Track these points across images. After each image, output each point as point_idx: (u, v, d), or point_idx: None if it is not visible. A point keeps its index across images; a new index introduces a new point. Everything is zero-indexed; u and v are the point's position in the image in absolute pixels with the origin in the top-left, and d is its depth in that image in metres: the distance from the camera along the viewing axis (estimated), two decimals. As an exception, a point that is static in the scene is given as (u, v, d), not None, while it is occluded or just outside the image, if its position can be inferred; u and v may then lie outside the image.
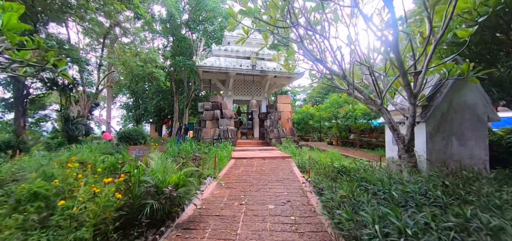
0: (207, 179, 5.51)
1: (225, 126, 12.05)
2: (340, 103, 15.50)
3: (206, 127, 12.29)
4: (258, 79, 15.07)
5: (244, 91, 14.83)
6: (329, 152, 10.79)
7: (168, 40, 23.61)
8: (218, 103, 12.46)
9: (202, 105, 12.71)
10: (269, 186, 5.17)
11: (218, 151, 9.81)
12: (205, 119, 12.35)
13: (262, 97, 15.11)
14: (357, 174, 4.15)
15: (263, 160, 8.61)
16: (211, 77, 14.38)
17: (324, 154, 11.02)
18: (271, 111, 12.99)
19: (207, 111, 12.38)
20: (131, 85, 30.46)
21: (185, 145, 9.92)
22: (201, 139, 11.94)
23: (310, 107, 21.39)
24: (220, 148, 10.11)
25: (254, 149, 10.99)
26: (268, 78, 13.90)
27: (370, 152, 11.92)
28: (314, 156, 9.77)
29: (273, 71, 13.02)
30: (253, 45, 14.59)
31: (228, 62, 12.48)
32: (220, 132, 11.86)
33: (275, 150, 10.89)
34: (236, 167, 7.42)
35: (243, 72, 12.66)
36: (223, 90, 14.84)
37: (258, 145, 12.86)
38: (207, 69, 12.13)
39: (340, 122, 15.70)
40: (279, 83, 15.42)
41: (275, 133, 12.50)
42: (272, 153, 9.74)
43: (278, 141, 12.41)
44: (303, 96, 47.18)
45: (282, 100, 13.61)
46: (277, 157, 8.97)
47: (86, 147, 9.91)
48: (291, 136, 13.18)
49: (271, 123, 12.65)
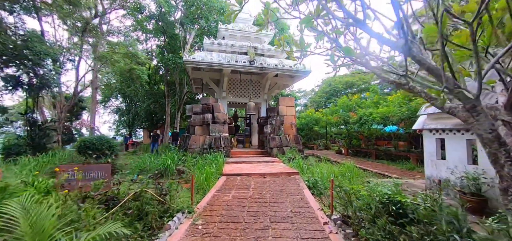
0: (177, 217, 3.61)
1: (217, 132, 10.17)
2: (350, 106, 13.68)
3: (195, 134, 10.41)
4: (257, 79, 13.27)
5: (240, 92, 13.01)
6: (343, 165, 8.94)
7: (160, 40, 21.96)
8: (210, 105, 10.61)
9: (190, 107, 10.86)
10: (273, 230, 3.28)
11: (206, 164, 7.91)
12: (194, 125, 10.48)
13: (262, 99, 13.28)
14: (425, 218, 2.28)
15: (263, 178, 6.71)
16: (203, 76, 12.58)
17: (336, 167, 9.14)
18: (272, 116, 11.15)
19: (197, 115, 10.52)
20: (122, 87, 28.79)
21: (164, 158, 8.01)
22: (188, 148, 10.04)
23: (315, 112, 19.58)
24: (208, 160, 8.21)
25: (251, 161, 9.08)
26: (269, 77, 12.10)
27: (392, 165, 10.03)
28: (326, 171, 7.91)
29: (275, 69, 11.23)
30: (251, 39, 12.86)
31: (221, 58, 10.69)
32: (211, 140, 9.97)
33: (277, 163, 8.99)
34: (226, 189, 5.52)
35: (239, 69, 10.86)
36: (217, 91, 13.02)
37: (257, 155, 10.95)
38: (196, 65, 10.33)
39: (351, 127, 13.84)
40: (281, 84, 13.63)
41: (277, 141, 10.63)
42: (274, 168, 7.84)
43: (280, 151, 10.52)
44: (303, 101, 45.51)
45: (285, 102, 11.80)
46: (281, 173, 7.07)
47: (45, 158, 8.03)
48: (296, 145, 11.30)
49: (272, 130, 10.79)
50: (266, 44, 12.56)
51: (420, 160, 9.59)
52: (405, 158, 10.22)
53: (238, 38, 12.49)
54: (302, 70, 11.63)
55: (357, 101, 14.05)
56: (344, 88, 40.93)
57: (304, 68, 11.70)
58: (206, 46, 11.67)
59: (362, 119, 11.60)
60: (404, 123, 9.52)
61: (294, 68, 11.53)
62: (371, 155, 12.39)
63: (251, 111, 11.11)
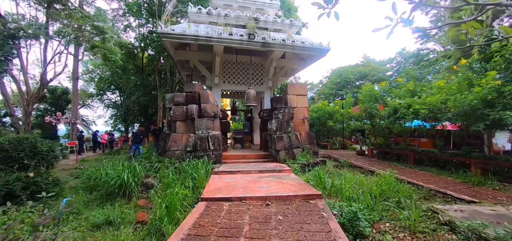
0: None
1: (204, 130, 7.65)
2: (377, 96, 10.93)
3: (176, 132, 7.94)
4: (259, 61, 10.63)
5: (237, 78, 10.42)
6: (379, 176, 6.37)
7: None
8: (195, 94, 8.08)
9: (171, 97, 8.36)
10: None
11: (180, 179, 5.43)
12: (175, 119, 8.00)
13: (265, 87, 10.66)
14: None
15: (266, 206, 4.19)
16: (190, 57, 10.01)
17: (368, 178, 6.58)
18: (278, 108, 8.56)
19: (178, 106, 8.02)
20: (113, 78, 26.57)
21: (120, 170, 5.56)
22: (167, 151, 7.59)
23: (328, 104, 16.86)
24: (189, 171, 5.71)
25: (250, 171, 6.56)
26: (274, 58, 9.45)
27: (443, 175, 7.34)
28: (356, 185, 5.41)
29: (281, 45, 8.55)
30: (252, 10, 10.16)
31: (211, 30, 8.06)
32: (195, 140, 7.47)
33: (286, 173, 6.44)
34: (201, 237, 3.02)
35: (235, 45, 8.24)
36: (208, 78, 10.45)
37: (258, 160, 8.43)
38: (177, 39, 7.76)
39: (376, 123, 11.12)
40: (289, 67, 10.97)
41: (285, 141, 8.06)
42: (283, 183, 5.31)
43: (289, 154, 7.97)
44: (310, 94, 42.61)
45: (296, 90, 9.18)
46: (294, 196, 4.54)
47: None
48: (309, 145, 8.73)
49: (278, 126, 8.21)
50: (270, 16, 9.86)
51: (484, 168, 6.89)
52: (462, 165, 7.52)
53: (235, 9, 9.82)
54: (318, 47, 8.92)
55: (385, 88, 11.28)
56: (357, 79, 37.89)
57: (320, 45, 8.99)
58: (191, 16, 9.06)
59: (398, 112, 8.86)
60: (466, 117, 6.78)
61: (307, 44, 8.83)
62: (406, 159, 9.71)
63: (251, 101, 8.54)
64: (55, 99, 22.77)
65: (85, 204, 5.26)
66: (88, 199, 5.58)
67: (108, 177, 5.46)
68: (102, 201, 5.36)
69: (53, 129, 22.17)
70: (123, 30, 22.29)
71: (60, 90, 23.47)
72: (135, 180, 5.62)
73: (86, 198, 5.63)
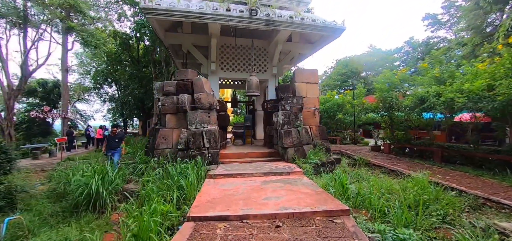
0: None
1: (198, 124, 6.49)
2: (396, 83, 9.65)
3: (166, 127, 6.80)
4: (262, 44, 9.37)
5: (237, 64, 9.19)
6: (410, 179, 5.26)
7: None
8: (187, 82, 6.90)
9: (159, 86, 7.19)
10: None
11: (164, 188, 4.31)
12: (165, 112, 6.84)
13: (269, 75, 9.43)
14: None
15: (276, 228, 3.05)
16: (183, 41, 8.76)
17: (395, 182, 5.46)
18: (285, 98, 7.37)
19: (167, 96, 6.86)
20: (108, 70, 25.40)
21: (88, 177, 4.45)
22: (154, 150, 6.47)
23: (337, 94, 15.57)
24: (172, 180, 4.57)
25: (253, 174, 5.43)
26: (279, 39, 8.18)
27: (484, 177, 6.14)
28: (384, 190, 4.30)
29: (288, 23, 7.27)
30: (253, -16, 8.77)
31: (205, 5, 6.79)
32: (188, 137, 6.32)
33: (297, 176, 5.30)
34: None
35: (234, 22, 6.98)
36: (205, 65, 9.21)
37: (262, 158, 7.29)
38: (164, 14, 6.50)
39: (395, 115, 9.90)
40: (295, 52, 9.68)
41: (294, 136, 6.88)
42: (295, 193, 4.17)
43: (299, 152, 6.81)
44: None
45: (304, 77, 7.95)
46: (312, 212, 3.43)
47: None
48: (321, 141, 7.57)
49: (286, 119, 7.03)
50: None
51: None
52: (506, 164, 6.30)
53: (234, -17, 8.49)
54: (331, 26, 7.62)
55: (404, 77, 9.98)
56: (364, 69, 36.35)
57: (334, 23, 7.69)
58: (182, -9, 7.75)
59: (426, 102, 7.59)
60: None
61: (319, 22, 7.53)
62: (431, 156, 8.52)
63: (253, 89, 7.33)
64: (46, 93, 21.67)
65: (45, 220, 4.17)
66: (52, 212, 4.49)
67: (74, 185, 4.35)
68: (67, 216, 4.27)
69: (45, 124, 21.17)
70: (117, 19, 21.04)
71: (52, 83, 22.33)
72: (110, 188, 4.50)
73: (51, 210, 4.54)
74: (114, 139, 6.95)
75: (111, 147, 6.88)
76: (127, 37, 20.74)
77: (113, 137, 6.97)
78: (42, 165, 9.78)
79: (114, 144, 6.92)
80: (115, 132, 7.05)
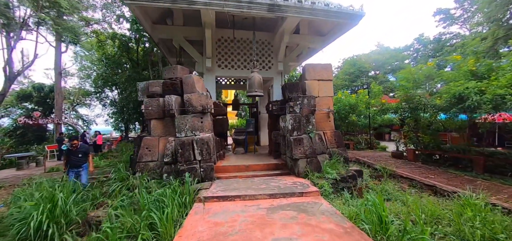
0: None
1: (189, 131, 5.33)
2: (420, 80, 8.32)
3: (151, 135, 5.66)
4: (265, 37, 8.19)
5: (236, 60, 8.02)
6: (467, 203, 3.92)
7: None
8: (176, 81, 5.75)
9: (144, 86, 6.07)
10: None
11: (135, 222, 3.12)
12: (149, 117, 5.71)
13: (274, 72, 8.23)
14: None
15: None
16: (174, 35, 7.65)
17: (447, 207, 4.17)
18: (293, 98, 6.14)
19: (152, 98, 5.72)
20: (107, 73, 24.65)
21: (30, 206, 3.30)
22: (137, 163, 5.33)
23: (349, 94, 14.21)
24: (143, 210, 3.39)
25: (256, 196, 4.23)
26: (286, 30, 6.98)
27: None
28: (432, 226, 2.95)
29: (298, 8, 6.06)
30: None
31: (196, -12, 5.65)
32: (176, 147, 5.16)
33: (312, 200, 4.07)
34: None
35: (231, 8, 5.82)
36: (200, 62, 8.07)
37: (268, 171, 6.06)
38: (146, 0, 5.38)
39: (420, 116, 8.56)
40: (303, 45, 8.46)
41: (306, 145, 5.63)
42: (313, 230, 2.96)
43: (312, 164, 5.55)
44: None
45: (317, 74, 6.72)
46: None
47: None
48: (338, 149, 6.31)
49: (295, 124, 5.79)
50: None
51: None
52: None
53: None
54: (348, 11, 6.38)
55: (430, 71, 8.63)
56: (373, 68, 34.81)
57: (352, 9, 6.44)
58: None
59: (466, 101, 6.21)
60: None
61: (334, 7, 6.30)
62: (471, 165, 7.13)
63: (255, 88, 6.14)
64: (41, 98, 20.98)
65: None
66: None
67: (11, 219, 3.21)
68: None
69: (41, 130, 20.45)
70: (115, 21, 20.40)
71: (48, 88, 21.65)
72: (63, 222, 3.34)
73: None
74: (77, 155, 5.23)
75: (74, 164, 5.18)
76: (126, 39, 20.10)
77: (75, 152, 5.22)
78: (20, 178, 8.77)
79: (77, 161, 5.21)
80: (76, 145, 5.25)
